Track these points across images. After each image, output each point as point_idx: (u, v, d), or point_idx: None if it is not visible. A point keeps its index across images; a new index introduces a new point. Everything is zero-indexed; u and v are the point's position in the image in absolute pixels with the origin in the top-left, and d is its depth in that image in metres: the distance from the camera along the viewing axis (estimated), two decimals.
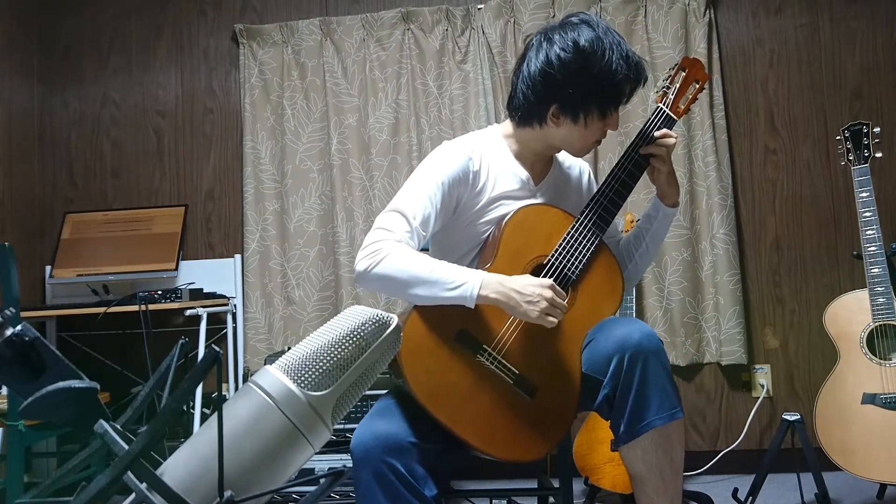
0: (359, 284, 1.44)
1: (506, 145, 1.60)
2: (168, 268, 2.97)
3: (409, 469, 1.28)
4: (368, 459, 1.28)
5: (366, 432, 1.31)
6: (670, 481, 1.39)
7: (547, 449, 1.42)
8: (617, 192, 1.52)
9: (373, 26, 3.10)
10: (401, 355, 1.33)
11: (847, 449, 2.18)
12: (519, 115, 1.54)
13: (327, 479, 0.79)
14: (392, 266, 1.36)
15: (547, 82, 1.46)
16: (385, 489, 1.27)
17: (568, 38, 1.44)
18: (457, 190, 1.50)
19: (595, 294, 1.49)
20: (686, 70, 1.63)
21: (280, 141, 3.13)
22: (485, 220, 1.53)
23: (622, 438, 1.38)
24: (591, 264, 1.49)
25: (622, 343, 1.36)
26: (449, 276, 1.37)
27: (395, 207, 1.46)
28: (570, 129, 1.50)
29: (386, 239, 1.40)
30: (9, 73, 3.14)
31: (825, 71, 2.94)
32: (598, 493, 2.51)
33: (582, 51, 1.42)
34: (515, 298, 1.35)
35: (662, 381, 1.35)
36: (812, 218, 2.92)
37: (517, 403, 1.39)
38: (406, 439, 1.30)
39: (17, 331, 0.70)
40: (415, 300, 1.39)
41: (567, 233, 1.48)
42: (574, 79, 1.44)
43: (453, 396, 1.35)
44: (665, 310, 2.89)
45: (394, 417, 1.35)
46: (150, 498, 0.68)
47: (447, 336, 1.37)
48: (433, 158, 1.53)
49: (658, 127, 1.56)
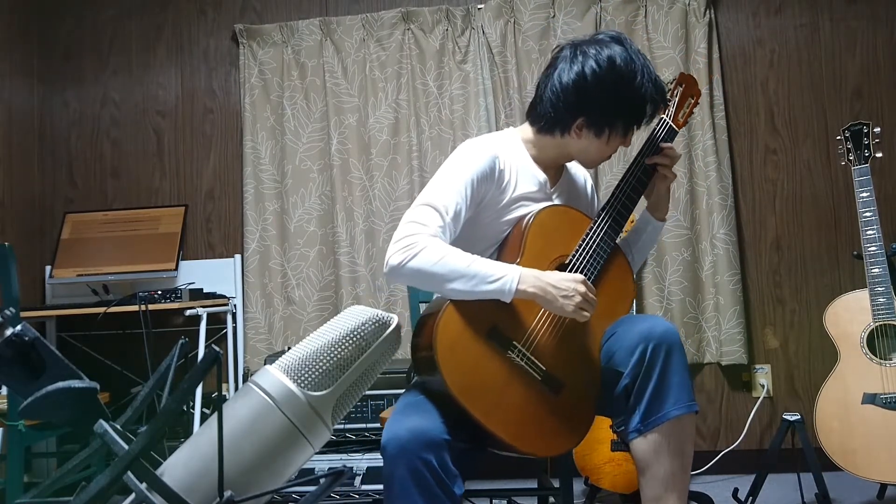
0: (390, 279, 1.44)
1: (525, 149, 1.63)
2: (168, 268, 2.97)
3: (443, 465, 1.28)
4: (404, 455, 1.26)
5: (399, 427, 1.30)
6: (679, 477, 1.40)
7: (571, 444, 1.45)
8: (629, 197, 1.59)
9: (373, 26, 3.10)
10: (437, 349, 1.34)
11: (847, 449, 2.18)
12: (542, 122, 1.58)
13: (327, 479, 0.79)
14: (428, 260, 1.37)
15: (578, 95, 1.51)
16: (420, 486, 1.26)
17: (603, 55, 1.49)
18: (484, 186, 1.52)
19: (611, 295, 1.54)
20: (683, 85, 1.71)
21: (280, 141, 3.13)
22: (505, 220, 1.56)
23: (637, 429, 1.40)
24: (608, 266, 1.54)
25: (647, 334, 1.39)
26: (488, 270, 1.38)
27: (426, 201, 1.46)
28: (591, 142, 1.56)
29: (420, 233, 1.40)
30: (9, 73, 3.14)
31: (825, 71, 2.94)
32: (598, 493, 2.51)
33: (617, 69, 1.48)
34: (552, 293, 1.38)
35: (682, 372, 1.39)
36: (812, 218, 2.92)
37: (544, 399, 1.41)
38: (440, 435, 1.29)
39: (17, 331, 0.70)
40: (451, 294, 1.40)
41: (586, 234, 1.53)
42: (606, 95, 1.49)
43: (486, 392, 1.36)
44: (665, 310, 2.89)
45: (427, 412, 1.35)
46: (150, 498, 0.68)
47: (480, 331, 1.39)
48: (461, 155, 1.54)
49: (662, 138, 1.63)
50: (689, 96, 1.71)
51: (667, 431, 1.38)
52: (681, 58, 2.91)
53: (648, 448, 1.39)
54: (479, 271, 1.38)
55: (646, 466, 1.41)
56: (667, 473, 1.39)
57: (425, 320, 1.44)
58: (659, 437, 1.38)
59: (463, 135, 2.99)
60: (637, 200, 1.61)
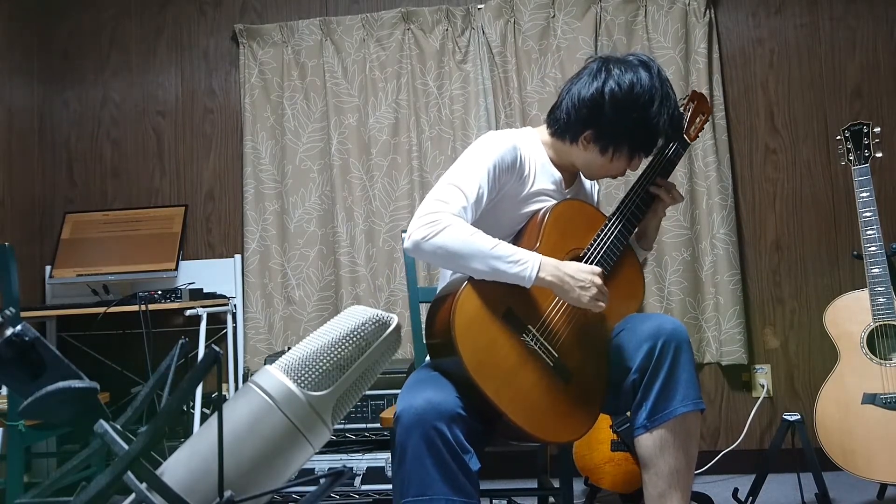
0: (412, 253, 1.44)
1: (543, 149, 1.66)
2: (168, 268, 2.97)
3: (457, 439, 1.28)
4: (419, 424, 1.26)
5: (415, 397, 1.30)
6: (683, 474, 1.40)
7: (576, 434, 1.45)
8: (643, 200, 1.63)
9: (373, 26, 3.10)
10: (455, 327, 1.35)
11: (847, 449, 2.18)
12: (556, 127, 1.62)
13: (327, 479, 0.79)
14: (452, 237, 1.38)
15: (592, 109, 1.53)
16: (435, 456, 1.26)
17: (626, 77, 1.52)
18: (505, 176, 1.54)
19: (623, 291, 1.57)
20: (695, 102, 1.76)
21: (280, 141, 3.13)
22: (523, 213, 1.58)
23: (644, 425, 1.41)
24: (620, 264, 1.57)
25: (656, 331, 1.41)
26: (511, 253, 1.40)
27: (451, 181, 1.47)
28: (595, 156, 1.59)
29: (443, 211, 1.41)
30: (9, 73, 3.13)
31: (825, 71, 2.94)
32: (598, 493, 2.51)
33: (635, 95, 1.51)
34: (570, 283, 1.40)
35: (690, 370, 1.42)
36: (812, 218, 2.92)
37: (554, 385, 1.42)
38: (455, 408, 1.29)
39: (17, 331, 0.70)
40: (471, 273, 1.41)
41: (601, 230, 1.57)
42: (617, 115, 1.52)
43: (499, 371, 1.37)
44: (665, 310, 2.89)
45: (442, 386, 1.35)
46: (150, 498, 0.68)
47: (497, 313, 1.41)
48: (485, 143, 1.55)
49: (675, 150, 1.66)
50: (699, 113, 1.75)
51: (673, 428, 1.39)
52: (681, 58, 2.91)
53: (654, 444, 1.40)
54: (503, 254, 1.39)
55: (650, 463, 1.41)
56: (671, 470, 1.39)
57: (442, 301, 1.45)
58: (665, 434, 1.39)
59: (463, 135, 2.99)
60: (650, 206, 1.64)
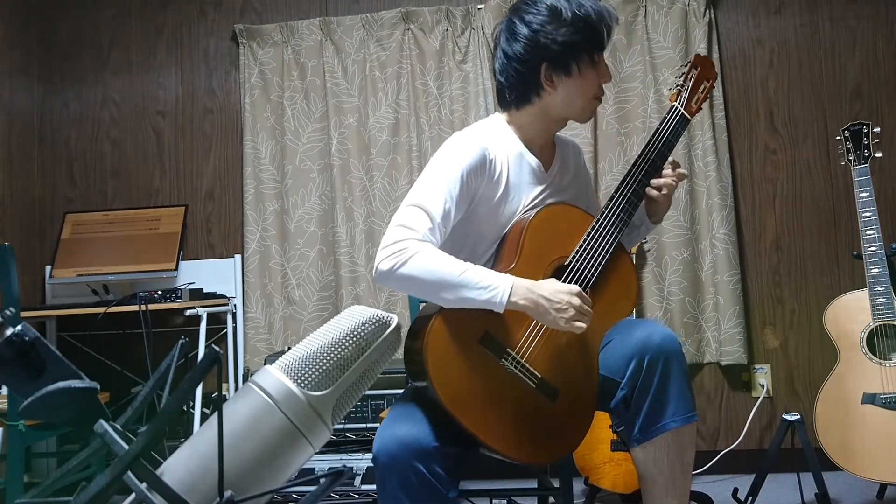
0: (381, 283, 1.39)
1: (513, 133, 1.58)
2: (168, 268, 2.97)
3: (432, 472, 1.27)
4: (394, 465, 1.27)
5: (389, 437, 1.29)
6: (680, 482, 1.39)
7: (567, 450, 1.42)
8: (635, 192, 1.53)
9: (373, 26, 3.10)
10: (426, 360, 1.31)
11: (847, 449, 2.18)
12: (514, 95, 1.55)
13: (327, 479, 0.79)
14: (419, 267, 1.33)
15: (532, 48, 1.48)
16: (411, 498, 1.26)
17: (539, 5, 1.48)
18: (475, 181, 1.47)
19: (613, 295, 1.49)
20: (698, 68, 1.64)
21: (280, 141, 3.13)
22: (504, 212, 1.51)
23: (636, 438, 1.38)
24: (610, 265, 1.48)
25: (643, 344, 1.35)
26: (479, 279, 1.33)
27: (415, 202, 1.40)
28: (567, 86, 1.51)
29: (409, 238, 1.35)
30: (9, 73, 3.13)
31: (825, 71, 2.94)
32: (598, 493, 2.51)
33: (553, 8, 1.47)
34: (544, 306, 1.34)
35: (680, 383, 1.35)
36: (812, 218, 2.92)
37: (539, 407, 1.38)
38: (430, 443, 1.28)
39: (17, 331, 0.70)
40: (440, 302, 1.36)
41: (587, 234, 1.47)
42: (555, 33, 1.46)
43: (477, 401, 1.33)
44: (665, 310, 2.89)
45: (416, 420, 1.33)
46: (150, 498, 0.68)
47: (472, 339, 1.36)
48: (449, 150, 1.49)
49: (673, 127, 1.58)
50: (703, 80, 1.62)
51: (665, 443, 1.36)
52: (681, 58, 2.91)
53: (648, 458, 1.38)
54: (471, 281, 1.33)
55: (646, 474, 1.41)
56: (667, 481, 1.38)
57: (419, 325, 1.41)
58: (658, 448, 1.36)
59: None
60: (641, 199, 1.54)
